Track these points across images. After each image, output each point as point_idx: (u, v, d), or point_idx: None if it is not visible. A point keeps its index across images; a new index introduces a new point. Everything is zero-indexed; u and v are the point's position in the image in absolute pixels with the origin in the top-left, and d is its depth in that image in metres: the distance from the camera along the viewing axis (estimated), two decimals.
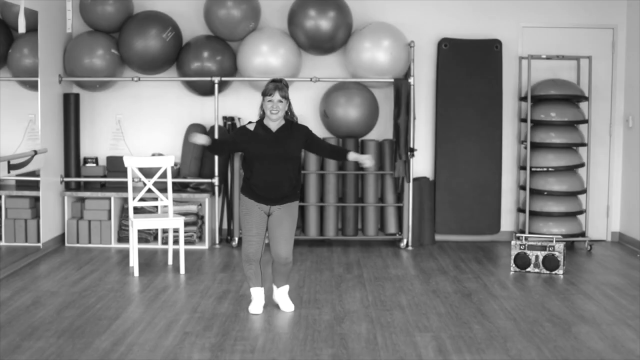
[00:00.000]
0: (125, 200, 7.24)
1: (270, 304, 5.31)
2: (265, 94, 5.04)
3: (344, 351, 4.41)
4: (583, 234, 7.55)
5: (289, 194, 5.06)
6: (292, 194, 5.09)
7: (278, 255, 5.08)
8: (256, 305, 5.17)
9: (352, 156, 5.19)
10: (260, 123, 5.10)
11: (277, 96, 4.99)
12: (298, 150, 5.10)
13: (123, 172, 6.89)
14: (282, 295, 5.24)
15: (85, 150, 7.78)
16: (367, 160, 5.15)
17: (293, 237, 5.13)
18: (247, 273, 5.15)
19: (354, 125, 7.40)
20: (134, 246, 6.36)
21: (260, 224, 5.06)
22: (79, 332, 4.70)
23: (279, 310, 5.20)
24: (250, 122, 5.19)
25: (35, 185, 6.97)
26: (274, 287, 5.29)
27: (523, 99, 7.65)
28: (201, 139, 5.06)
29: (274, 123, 5.06)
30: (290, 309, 5.19)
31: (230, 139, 5.32)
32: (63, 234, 7.41)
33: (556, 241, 6.46)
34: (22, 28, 6.50)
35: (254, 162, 5.02)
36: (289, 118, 5.12)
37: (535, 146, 7.53)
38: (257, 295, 5.19)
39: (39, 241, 6.96)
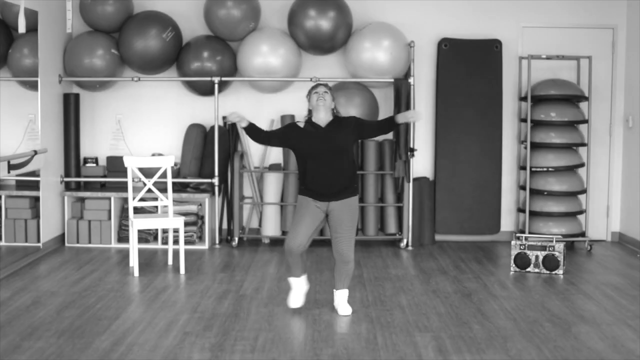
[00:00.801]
0: (125, 200, 7.24)
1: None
2: (310, 91, 5.12)
3: (344, 351, 4.41)
4: (583, 234, 7.55)
5: (346, 187, 5.05)
6: (350, 187, 5.07)
7: (339, 254, 5.06)
8: (295, 296, 5.18)
9: (401, 120, 5.14)
10: (309, 121, 5.11)
11: (322, 88, 5.09)
12: (350, 143, 5.09)
13: (123, 172, 6.89)
14: (340, 299, 5.19)
15: (85, 150, 7.79)
16: (414, 116, 5.15)
17: (354, 237, 5.10)
18: (288, 261, 5.15)
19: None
20: (134, 246, 6.36)
21: (312, 221, 5.04)
22: (79, 332, 4.70)
23: (279, 310, 5.20)
24: (298, 121, 5.20)
25: (35, 185, 6.97)
26: (334, 290, 5.24)
27: (523, 99, 7.65)
28: (238, 119, 5.11)
29: (323, 118, 5.07)
30: (347, 312, 5.13)
31: (279, 132, 5.27)
32: (63, 234, 7.41)
33: (556, 241, 6.46)
34: (22, 28, 6.50)
35: (307, 160, 5.04)
36: (337, 113, 5.14)
37: (535, 146, 7.53)
38: (297, 285, 5.18)
39: (39, 241, 6.97)
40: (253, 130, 5.21)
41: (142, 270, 6.36)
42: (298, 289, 5.21)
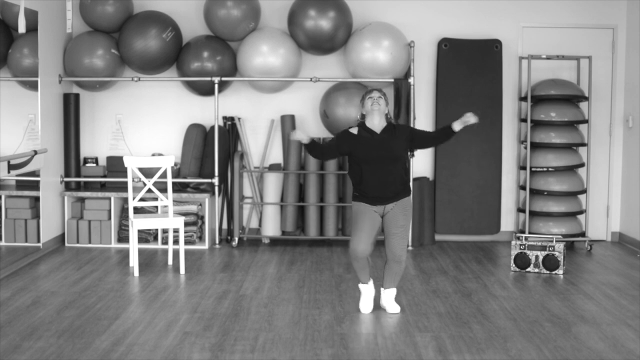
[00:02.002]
0: (125, 200, 7.24)
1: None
2: (364, 96, 5.12)
3: (344, 351, 4.41)
4: (583, 234, 7.55)
5: (400, 191, 5.10)
6: (404, 189, 5.12)
7: (393, 253, 5.11)
8: (365, 302, 5.20)
9: (458, 126, 5.16)
10: (362, 126, 5.11)
11: (376, 93, 5.09)
12: (404, 151, 5.13)
13: (123, 172, 6.89)
14: (388, 297, 5.22)
15: (85, 150, 7.79)
16: (471, 118, 5.14)
17: (407, 237, 5.16)
18: (354, 267, 5.19)
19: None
20: (134, 246, 6.36)
21: (373, 224, 5.10)
22: (79, 332, 4.70)
23: (279, 310, 5.20)
24: (351, 127, 5.19)
25: (35, 185, 6.97)
26: (382, 289, 5.28)
27: (523, 99, 7.65)
28: (300, 136, 5.09)
29: (378, 124, 5.09)
30: (396, 310, 5.18)
31: (333, 144, 5.20)
32: (63, 234, 7.41)
33: (556, 241, 6.46)
34: (22, 28, 6.50)
35: (362, 166, 5.06)
36: (390, 120, 5.15)
37: (535, 146, 7.53)
38: (366, 291, 5.22)
39: (39, 241, 6.96)
40: (313, 147, 5.20)
41: (142, 270, 6.36)
42: (367, 295, 5.24)
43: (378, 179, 5.04)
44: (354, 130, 5.13)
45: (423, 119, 7.76)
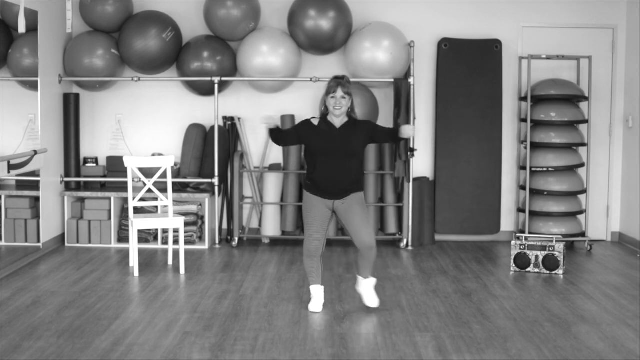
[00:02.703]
0: (125, 200, 7.24)
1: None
2: (328, 91, 5.07)
3: (344, 351, 4.41)
4: (583, 234, 7.55)
5: (350, 188, 5.10)
6: (354, 187, 5.12)
7: (362, 242, 5.09)
8: (316, 303, 5.19)
9: (400, 135, 5.12)
10: (324, 119, 5.13)
11: (340, 92, 5.04)
12: (362, 147, 5.14)
13: (123, 172, 6.89)
14: (367, 287, 5.24)
15: (85, 150, 7.79)
16: (408, 131, 5.06)
17: (371, 224, 5.18)
18: (307, 269, 5.20)
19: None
20: (134, 246, 6.36)
21: (323, 220, 5.12)
22: (79, 332, 4.70)
23: (279, 310, 5.20)
24: (314, 117, 5.21)
25: (35, 185, 6.97)
26: (359, 278, 5.28)
27: (523, 99, 7.65)
28: (274, 124, 5.14)
29: (338, 119, 5.10)
30: (375, 304, 5.19)
31: (292, 130, 5.27)
32: (63, 234, 7.41)
33: (556, 241, 6.46)
34: (22, 28, 6.50)
35: (317, 157, 5.08)
36: (352, 115, 5.14)
37: (535, 146, 7.53)
38: (317, 293, 5.22)
39: (39, 241, 6.97)
40: (276, 132, 5.25)
41: (142, 270, 6.36)
42: (318, 297, 5.23)
43: (331, 173, 5.05)
44: (315, 122, 5.15)
45: (423, 119, 7.76)
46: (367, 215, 5.18)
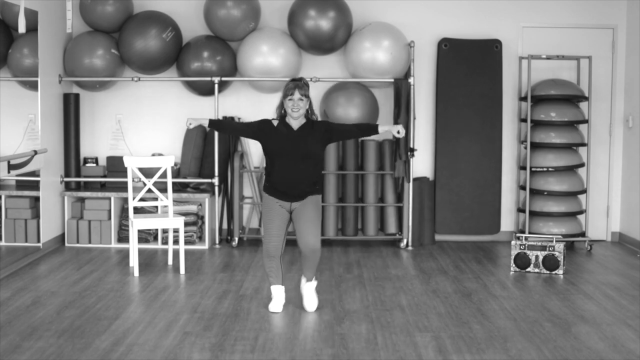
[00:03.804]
0: (125, 200, 7.24)
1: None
2: (286, 94, 5.04)
3: (344, 351, 4.41)
4: (583, 234, 7.55)
5: (308, 191, 5.11)
6: (312, 190, 5.13)
7: (305, 244, 5.11)
8: (276, 303, 5.20)
9: (383, 128, 5.18)
10: (282, 121, 5.12)
11: (297, 94, 5.01)
12: (320, 148, 5.13)
13: (123, 172, 6.89)
14: (308, 289, 5.25)
15: (85, 150, 7.79)
16: (399, 130, 5.10)
17: (319, 227, 5.16)
18: (267, 270, 5.20)
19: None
20: (134, 246, 6.36)
21: (281, 221, 5.13)
22: (79, 332, 4.70)
23: (280, 310, 5.20)
24: (273, 119, 5.19)
25: (35, 185, 6.97)
26: (303, 279, 5.31)
27: (523, 99, 7.65)
28: (196, 123, 5.22)
29: (296, 121, 5.09)
30: (313, 307, 5.20)
31: (252, 124, 5.24)
32: (63, 234, 7.41)
33: (556, 241, 6.46)
34: (22, 28, 6.50)
35: (275, 159, 5.07)
36: (310, 117, 5.13)
37: (535, 146, 7.53)
38: (277, 293, 5.22)
39: (39, 241, 6.96)
40: (216, 124, 5.36)
41: (142, 270, 6.36)
42: (278, 297, 5.23)
43: (288, 175, 5.05)
44: (275, 122, 5.13)
45: (423, 119, 7.76)
46: (318, 218, 5.16)
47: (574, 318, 5.11)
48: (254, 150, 7.77)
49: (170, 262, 6.63)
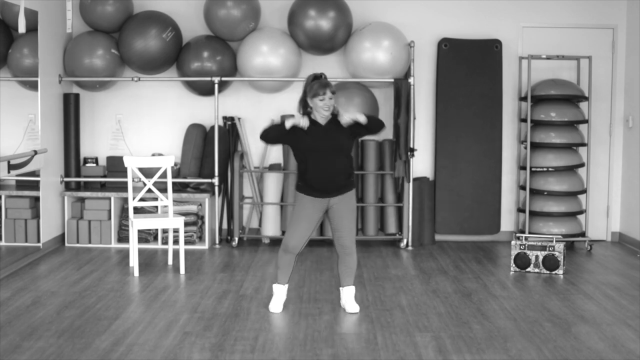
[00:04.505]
0: (125, 200, 7.24)
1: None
2: (315, 94, 5.00)
3: (344, 351, 4.41)
4: (583, 234, 7.55)
5: (344, 184, 5.10)
6: (348, 183, 5.12)
7: (343, 246, 5.11)
8: (276, 302, 5.20)
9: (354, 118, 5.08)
10: (308, 117, 5.09)
11: (328, 93, 5.01)
12: (349, 140, 5.12)
13: (123, 172, 6.89)
14: (347, 296, 5.22)
15: (85, 150, 7.79)
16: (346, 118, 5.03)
17: (355, 228, 5.17)
18: (279, 263, 5.18)
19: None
20: (134, 246, 6.36)
21: (312, 220, 5.10)
22: (79, 332, 4.70)
23: (280, 310, 5.20)
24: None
25: (35, 185, 6.97)
26: (340, 288, 5.27)
27: (523, 99, 7.65)
28: (304, 122, 5.00)
29: (322, 117, 5.08)
30: (355, 310, 5.16)
31: (282, 128, 5.11)
32: (63, 234, 7.41)
33: (556, 241, 6.46)
34: (22, 28, 6.50)
35: (308, 157, 5.06)
36: (334, 111, 5.13)
37: (535, 146, 7.53)
38: (279, 292, 5.22)
39: (39, 241, 6.96)
40: (274, 131, 5.17)
41: (142, 270, 6.36)
42: (279, 296, 5.23)
43: (323, 171, 5.04)
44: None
45: (423, 119, 7.77)
46: (354, 221, 5.18)
47: (574, 318, 5.11)
48: (254, 150, 7.78)
49: (170, 262, 6.63)
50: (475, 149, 7.65)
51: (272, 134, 5.18)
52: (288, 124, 5.00)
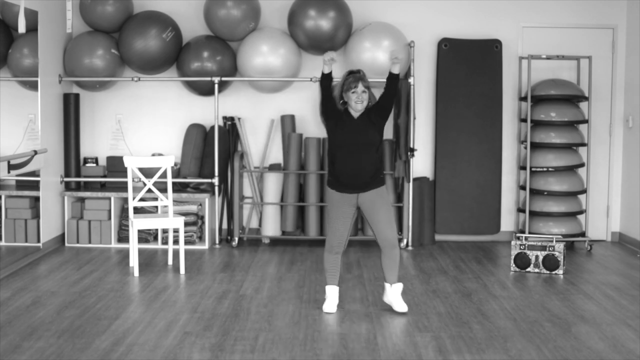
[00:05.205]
0: (125, 200, 7.24)
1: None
2: (349, 87, 5.02)
3: (344, 351, 4.41)
4: (583, 234, 7.55)
5: (372, 180, 5.09)
6: (376, 179, 5.11)
7: (385, 239, 5.11)
8: (330, 304, 5.19)
9: (394, 68, 5.09)
10: (345, 110, 5.10)
11: (360, 87, 5.02)
12: (379, 135, 5.11)
13: (123, 172, 6.89)
14: (395, 293, 5.20)
15: (85, 150, 7.79)
16: (397, 53, 5.04)
17: (394, 221, 5.16)
18: (326, 266, 5.19)
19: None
20: (134, 246, 6.36)
21: (346, 217, 5.11)
22: (79, 332, 4.70)
23: (279, 310, 5.20)
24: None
25: (35, 185, 6.97)
26: (386, 285, 5.24)
27: (523, 99, 7.65)
28: (331, 61, 5.02)
29: (356, 111, 5.08)
30: (404, 309, 5.15)
31: (334, 99, 5.11)
32: (63, 234, 7.41)
33: (556, 241, 6.46)
34: (22, 28, 6.50)
35: (337, 150, 5.07)
36: (369, 104, 5.11)
37: (535, 146, 7.53)
38: (332, 293, 5.22)
39: (39, 241, 6.96)
40: (328, 80, 5.12)
41: (142, 270, 6.36)
42: (332, 297, 5.22)
43: (350, 165, 5.05)
44: (341, 109, 5.11)
45: (423, 119, 7.76)
46: (391, 213, 5.16)
47: (574, 318, 5.11)
48: (254, 150, 7.78)
49: (170, 262, 6.63)
50: (475, 149, 7.65)
51: (327, 86, 5.13)
52: (325, 69, 5.06)
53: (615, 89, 7.81)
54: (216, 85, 7.39)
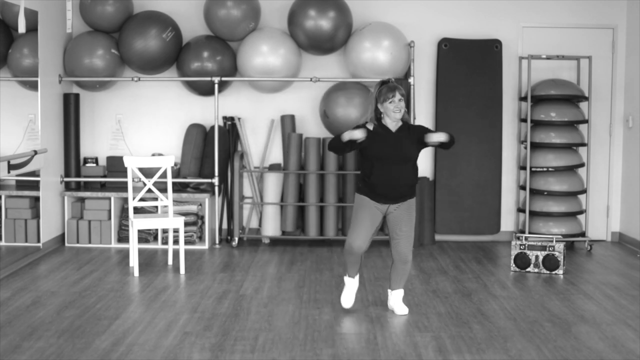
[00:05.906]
0: (125, 200, 7.24)
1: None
2: (386, 97, 4.96)
3: (344, 351, 4.41)
4: (583, 234, 7.55)
5: (406, 193, 5.07)
6: (410, 192, 5.10)
7: (400, 253, 5.10)
8: (347, 296, 5.20)
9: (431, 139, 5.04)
10: (379, 123, 5.05)
11: (397, 95, 4.97)
12: (417, 151, 5.08)
13: (123, 172, 6.89)
14: (396, 298, 5.21)
15: (85, 150, 7.79)
16: (433, 138, 5.00)
17: (412, 236, 5.15)
18: (347, 261, 5.17)
19: (354, 126, 7.39)
20: (134, 246, 6.36)
21: (374, 221, 5.08)
22: (79, 332, 4.70)
23: (279, 310, 5.20)
24: (367, 122, 5.08)
25: (35, 185, 6.97)
26: (389, 291, 5.26)
27: (523, 99, 7.65)
28: (358, 134, 4.91)
29: (393, 123, 5.04)
30: (404, 312, 5.16)
31: (343, 144, 5.05)
32: (63, 234, 7.41)
33: (556, 241, 6.46)
34: (22, 28, 6.50)
35: (374, 162, 5.01)
36: (405, 119, 5.08)
37: (535, 146, 7.53)
38: (351, 285, 5.21)
39: (39, 241, 6.96)
40: (344, 144, 5.04)
41: (142, 270, 6.36)
42: (351, 288, 5.23)
43: (388, 178, 5.01)
44: (370, 126, 5.05)
45: (423, 119, 7.76)
46: (412, 228, 5.14)
47: (574, 318, 5.11)
48: (254, 150, 7.78)
49: (170, 262, 6.63)
50: (475, 149, 7.65)
51: (336, 145, 5.07)
52: (345, 137, 4.93)
53: (615, 89, 7.81)
54: (216, 85, 7.39)
